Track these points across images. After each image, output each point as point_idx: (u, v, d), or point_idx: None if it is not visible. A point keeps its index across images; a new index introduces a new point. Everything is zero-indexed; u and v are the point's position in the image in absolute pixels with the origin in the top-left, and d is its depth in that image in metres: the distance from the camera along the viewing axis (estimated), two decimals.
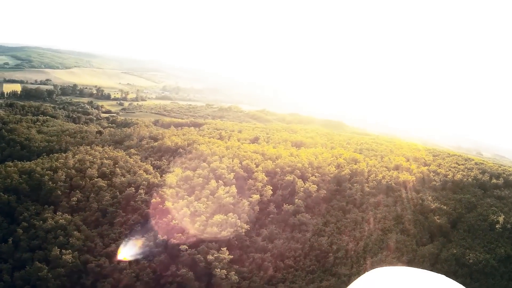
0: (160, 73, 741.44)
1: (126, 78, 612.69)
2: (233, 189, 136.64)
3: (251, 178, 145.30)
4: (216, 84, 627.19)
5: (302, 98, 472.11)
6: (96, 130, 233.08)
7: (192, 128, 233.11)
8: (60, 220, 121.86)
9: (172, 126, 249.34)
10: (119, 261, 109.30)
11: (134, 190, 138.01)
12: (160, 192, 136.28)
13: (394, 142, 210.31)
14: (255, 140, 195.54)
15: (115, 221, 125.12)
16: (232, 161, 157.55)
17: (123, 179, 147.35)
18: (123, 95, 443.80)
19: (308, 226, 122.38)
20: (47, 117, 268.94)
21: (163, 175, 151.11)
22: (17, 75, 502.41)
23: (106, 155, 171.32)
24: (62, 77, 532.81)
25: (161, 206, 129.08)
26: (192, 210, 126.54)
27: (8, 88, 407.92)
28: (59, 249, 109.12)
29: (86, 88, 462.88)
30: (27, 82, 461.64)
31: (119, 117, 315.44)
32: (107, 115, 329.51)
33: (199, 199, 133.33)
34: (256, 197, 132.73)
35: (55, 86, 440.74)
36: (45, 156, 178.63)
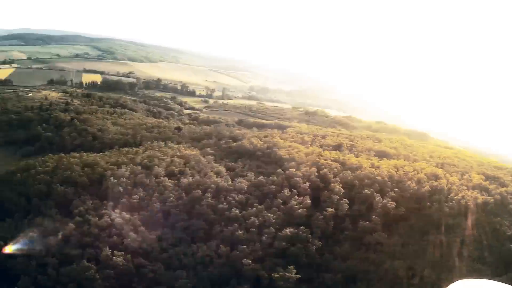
0: (248, 72, 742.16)
1: (213, 75, 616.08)
2: (308, 200, 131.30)
3: (327, 189, 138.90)
4: (304, 86, 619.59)
5: (389, 106, 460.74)
6: (175, 126, 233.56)
7: (275, 130, 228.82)
8: (117, 219, 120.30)
9: (254, 127, 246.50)
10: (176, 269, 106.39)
11: (201, 193, 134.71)
12: (228, 197, 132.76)
13: (475, 158, 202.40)
14: (338, 147, 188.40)
15: (177, 225, 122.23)
16: (310, 169, 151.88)
17: (191, 180, 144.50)
18: (209, 92, 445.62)
19: (384, 246, 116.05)
20: (125, 109, 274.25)
21: (235, 179, 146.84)
22: (98, 66, 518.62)
23: (178, 153, 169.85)
24: (146, 70, 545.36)
25: (227, 212, 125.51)
26: (261, 220, 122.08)
27: (88, 78, 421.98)
28: (110, 250, 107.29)
29: (170, 83, 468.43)
30: (108, 74, 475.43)
31: (202, 114, 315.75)
32: (190, 111, 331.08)
33: (270, 208, 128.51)
34: (331, 210, 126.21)
35: (137, 79, 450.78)
36: (116, 149, 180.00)
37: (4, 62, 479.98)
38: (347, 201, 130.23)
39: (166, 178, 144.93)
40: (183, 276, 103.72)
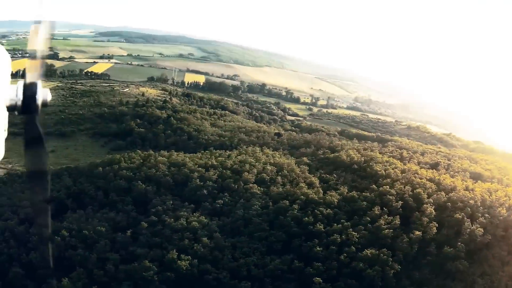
0: (353, 83, 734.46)
1: (318, 83, 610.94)
2: (397, 220, 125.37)
3: (419, 210, 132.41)
4: (407, 100, 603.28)
5: (488, 125, 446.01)
6: (275, 131, 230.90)
7: (376, 143, 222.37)
8: (193, 222, 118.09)
9: (355, 138, 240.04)
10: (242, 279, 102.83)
11: (288, 204, 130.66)
12: (316, 211, 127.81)
13: None
14: (435, 166, 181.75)
15: (255, 234, 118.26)
16: (404, 187, 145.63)
17: (280, 189, 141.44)
18: (313, 100, 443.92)
19: (464, 274, 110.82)
20: (226, 111, 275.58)
21: (327, 191, 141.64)
22: (202, 67, 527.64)
23: (271, 160, 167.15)
24: (251, 74, 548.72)
25: (311, 227, 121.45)
26: (343, 238, 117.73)
27: (190, 78, 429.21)
28: (177, 253, 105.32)
29: (275, 88, 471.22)
30: (212, 75, 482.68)
31: (304, 121, 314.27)
32: (292, 118, 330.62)
33: (356, 225, 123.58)
34: (418, 233, 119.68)
35: (242, 82, 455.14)
36: (208, 151, 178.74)
37: (102, 57, 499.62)
38: (436, 225, 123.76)
39: (255, 185, 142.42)
40: (247, 287, 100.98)
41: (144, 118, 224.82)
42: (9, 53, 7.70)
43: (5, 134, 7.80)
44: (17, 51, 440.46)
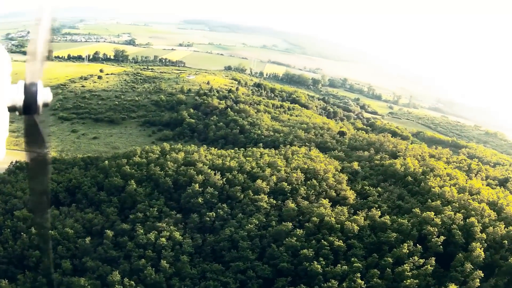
0: (436, 83, 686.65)
1: (402, 81, 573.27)
2: (431, 263, 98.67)
3: (466, 250, 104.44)
4: (489, 104, 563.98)
5: None
6: (340, 130, 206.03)
7: (447, 149, 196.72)
8: (162, 238, 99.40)
9: (429, 142, 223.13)
10: None
11: (290, 227, 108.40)
12: (324, 241, 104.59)
13: None
14: (504, 182, 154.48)
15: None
16: (454, 215, 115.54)
17: (290, 205, 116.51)
18: (395, 98, 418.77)
19: None
20: (296, 105, 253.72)
21: (359, 211, 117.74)
22: (284, 58, 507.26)
23: (304, 165, 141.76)
24: (334, 68, 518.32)
25: (306, 264, 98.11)
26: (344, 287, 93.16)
27: (271, 69, 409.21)
28: (120, 277, 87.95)
29: (357, 84, 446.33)
30: (294, 67, 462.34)
31: (381, 120, 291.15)
32: (370, 115, 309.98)
33: (373, 267, 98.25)
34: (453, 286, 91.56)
35: (323, 76, 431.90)
36: (251, 148, 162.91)
37: (181, 45, 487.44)
38: (482, 274, 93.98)
39: (265, 196, 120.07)
40: None
41: (200, 108, 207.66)
42: (84, 38, 10.89)
43: (7, 134, 7.46)
44: (92, 35, 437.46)
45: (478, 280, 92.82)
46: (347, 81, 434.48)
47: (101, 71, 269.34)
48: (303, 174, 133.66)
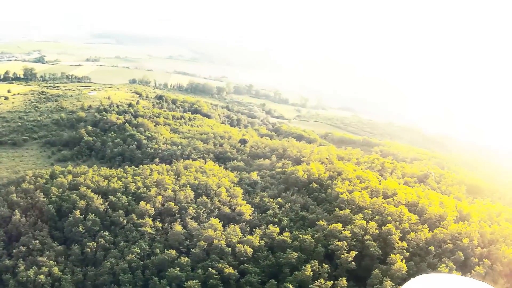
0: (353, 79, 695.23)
1: (311, 81, 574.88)
2: (342, 283, 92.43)
3: (385, 263, 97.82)
4: (403, 96, 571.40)
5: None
6: (241, 138, 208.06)
7: (358, 149, 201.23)
8: (41, 276, 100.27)
9: (339, 142, 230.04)
10: None
11: (174, 255, 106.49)
12: (212, 269, 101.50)
13: None
14: (423, 178, 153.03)
15: None
16: (367, 223, 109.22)
17: (180, 227, 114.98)
18: (303, 101, 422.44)
19: None
20: (197, 115, 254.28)
21: (255, 229, 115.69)
22: (189, 68, 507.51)
23: (194, 180, 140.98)
24: (240, 75, 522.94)
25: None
26: None
27: (176, 79, 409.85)
28: None
29: (263, 89, 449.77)
30: (199, 76, 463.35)
31: (287, 124, 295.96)
32: (276, 120, 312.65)
33: None
34: None
35: (228, 83, 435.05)
36: (149, 163, 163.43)
37: (88, 60, 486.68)
38: None
39: (149, 220, 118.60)
40: None
41: (99, 124, 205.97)
42: None
43: None
44: (5, 54, 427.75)
45: None
46: (252, 87, 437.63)
47: (8, 91, 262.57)
48: (192, 191, 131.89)
